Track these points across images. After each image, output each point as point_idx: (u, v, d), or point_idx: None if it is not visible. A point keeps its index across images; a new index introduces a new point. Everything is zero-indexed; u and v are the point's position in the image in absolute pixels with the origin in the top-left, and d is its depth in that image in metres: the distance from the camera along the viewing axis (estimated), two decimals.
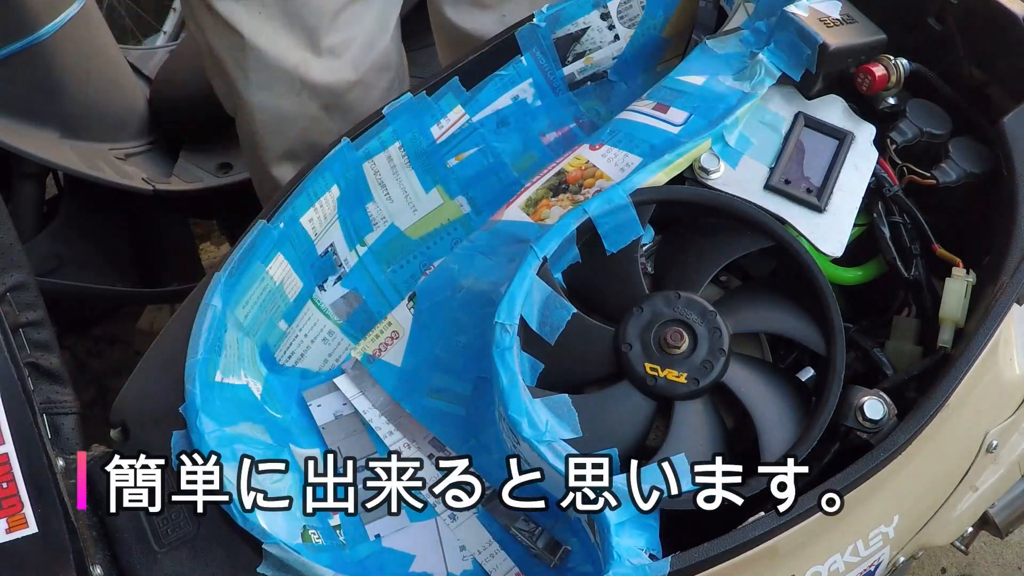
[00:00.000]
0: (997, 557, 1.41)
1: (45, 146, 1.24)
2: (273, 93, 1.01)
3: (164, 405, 0.65)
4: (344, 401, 0.70)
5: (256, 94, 1.01)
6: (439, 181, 0.83)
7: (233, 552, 0.61)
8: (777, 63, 0.70)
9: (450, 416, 0.69)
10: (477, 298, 0.69)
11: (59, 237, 1.30)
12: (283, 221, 0.73)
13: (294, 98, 1.01)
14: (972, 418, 0.67)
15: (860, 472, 0.59)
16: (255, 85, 1.00)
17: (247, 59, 0.99)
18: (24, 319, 0.69)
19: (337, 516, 0.66)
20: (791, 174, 0.69)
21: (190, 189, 1.41)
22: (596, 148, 0.72)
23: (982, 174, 0.71)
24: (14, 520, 0.58)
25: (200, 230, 1.82)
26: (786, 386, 0.65)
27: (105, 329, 1.66)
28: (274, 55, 0.98)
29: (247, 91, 1.01)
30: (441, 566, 0.65)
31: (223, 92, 1.07)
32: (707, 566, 0.57)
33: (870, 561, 0.64)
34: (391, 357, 0.71)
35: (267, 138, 1.05)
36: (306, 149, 1.05)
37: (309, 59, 0.99)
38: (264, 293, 0.73)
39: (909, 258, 0.70)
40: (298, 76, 0.99)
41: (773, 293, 0.68)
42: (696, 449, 0.62)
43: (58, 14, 1.21)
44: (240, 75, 1.00)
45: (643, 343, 0.64)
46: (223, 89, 1.07)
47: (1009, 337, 0.67)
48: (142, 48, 1.70)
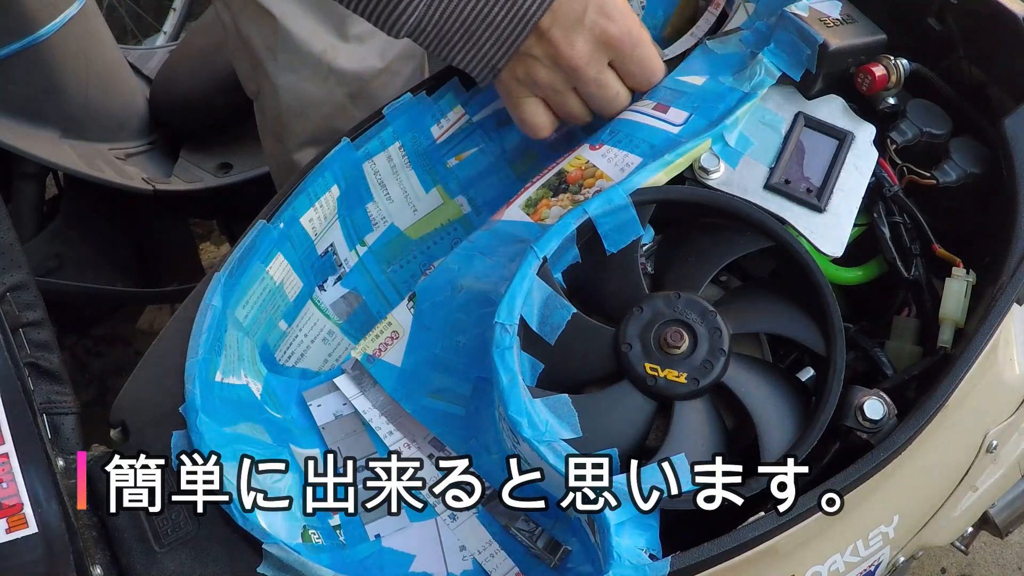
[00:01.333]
0: (997, 557, 1.41)
1: (45, 146, 1.24)
2: (300, 76, 1.02)
3: (164, 405, 0.65)
4: (344, 401, 0.70)
5: (283, 76, 1.02)
6: (439, 181, 0.83)
7: (233, 552, 0.61)
8: (777, 63, 0.70)
9: (450, 416, 0.69)
10: (477, 298, 0.69)
11: (59, 237, 1.30)
12: (283, 221, 0.73)
13: (320, 83, 1.02)
14: (972, 418, 0.67)
15: (860, 472, 0.59)
16: (283, 67, 1.01)
17: (277, 41, 1.00)
18: (24, 319, 0.69)
19: (337, 516, 0.66)
20: (791, 174, 0.69)
21: (190, 189, 1.42)
22: (596, 148, 0.72)
23: (982, 174, 0.71)
24: (14, 520, 0.58)
25: (200, 230, 1.82)
26: (786, 386, 0.65)
27: (105, 329, 1.66)
28: (303, 39, 0.99)
29: (275, 72, 1.02)
30: (441, 566, 0.65)
31: (246, 74, 1.08)
32: (707, 566, 0.57)
33: (870, 561, 0.64)
34: (391, 357, 0.71)
35: (291, 122, 1.06)
36: (329, 135, 1.05)
37: (337, 44, 0.99)
38: (264, 293, 0.73)
39: (909, 258, 0.70)
40: (325, 61, 1.00)
41: (773, 293, 0.68)
42: (696, 449, 0.62)
43: (58, 14, 1.22)
44: (268, 56, 1.01)
45: (643, 343, 0.64)
46: (247, 71, 1.07)
47: (1009, 337, 0.67)
48: (142, 48, 1.70)
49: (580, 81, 0.73)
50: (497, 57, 0.71)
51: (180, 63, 1.48)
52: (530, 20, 0.69)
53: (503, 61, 0.71)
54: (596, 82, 0.73)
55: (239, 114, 1.38)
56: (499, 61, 0.71)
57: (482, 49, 0.71)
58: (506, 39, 0.70)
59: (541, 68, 0.72)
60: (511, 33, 0.70)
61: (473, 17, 0.69)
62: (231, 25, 1.03)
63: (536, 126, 0.76)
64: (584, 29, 0.70)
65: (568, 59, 0.71)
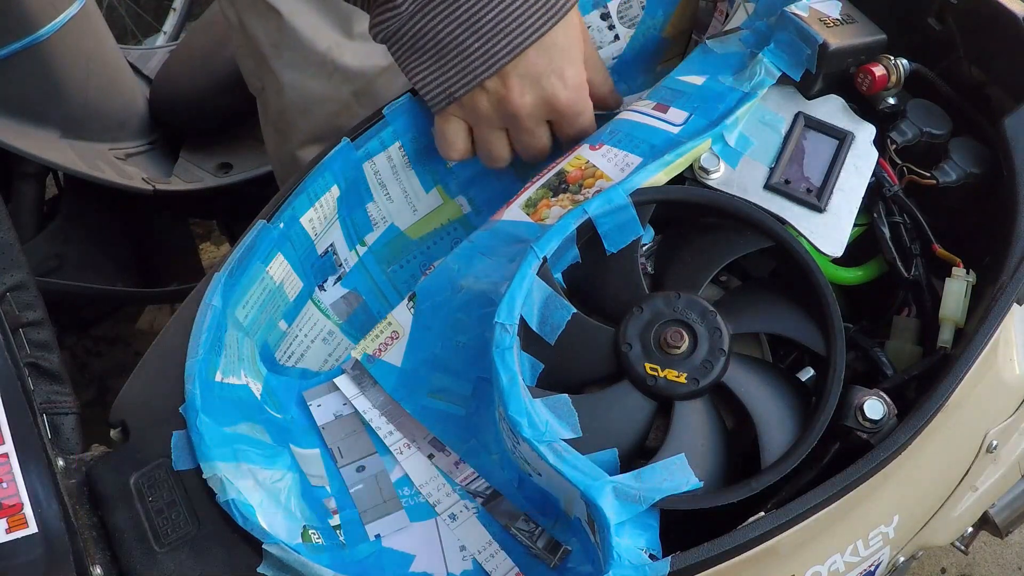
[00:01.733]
0: (997, 557, 1.41)
1: (45, 146, 1.24)
2: (304, 74, 1.02)
3: (164, 405, 0.65)
4: (344, 401, 0.70)
5: (287, 72, 1.02)
6: (439, 181, 0.83)
7: (233, 552, 0.61)
8: (777, 63, 0.70)
9: (450, 416, 0.69)
10: (477, 298, 0.69)
11: (59, 237, 1.30)
12: (283, 221, 0.73)
13: (325, 81, 1.02)
14: (972, 418, 0.67)
15: (860, 472, 0.59)
16: (287, 64, 1.02)
17: (282, 38, 1.00)
18: (24, 319, 0.69)
19: (337, 516, 0.67)
20: (791, 174, 0.69)
21: (190, 189, 1.42)
22: (596, 148, 0.72)
23: (982, 174, 0.71)
24: (14, 520, 0.58)
25: (200, 230, 1.82)
26: (786, 386, 0.65)
27: (105, 329, 1.67)
28: (308, 36, 0.99)
29: (279, 68, 1.02)
30: (441, 566, 0.65)
31: (250, 70, 1.08)
32: (707, 566, 0.57)
33: (870, 561, 0.64)
34: (391, 357, 0.71)
35: (295, 118, 1.06)
36: (332, 133, 1.05)
37: (342, 42, 1.00)
38: (264, 293, 0.73)
39: (909, 258, 0.70)
40: (331, 59, 1.00)
41: (773, 293, 0.68)
42: (696, 449, 0.62)
43: (58, 14, 1.22)
44: (273, 53, 1.02)
45: (643, 343, 0.64)
46: (251, 67, 1.07)
47: (1009, 337, 0.67)
48: (142, 48, 1.70)
49: (515, 127, 0.75)
50: (457, 87, 0.72)
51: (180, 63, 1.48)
52: (498, 62, 0.70)
53: (461, 92, 0.72)
54: (529, 132, 0.75)
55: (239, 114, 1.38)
56: (457, 91, 0.72)
57: (446, 75, 0.71)
58: (471, 72, 0.71)
59: (485, 102, 0.73)
60: (477, 68, 0.70)
61: (448, 42, 0.70)
62: (236, 22, 1.04)
63: (451, 147, 0.77)
64: (538, 87, 0.72)
65: (514, 107, 0.73)
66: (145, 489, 0.63)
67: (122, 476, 0.64)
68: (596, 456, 0.61)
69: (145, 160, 1.41)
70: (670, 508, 0.58)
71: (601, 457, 0.61)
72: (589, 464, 0.59)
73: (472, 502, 0.66)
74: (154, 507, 0.63)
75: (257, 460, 0.65)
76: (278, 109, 1.06)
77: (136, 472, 0.64)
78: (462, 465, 0.67)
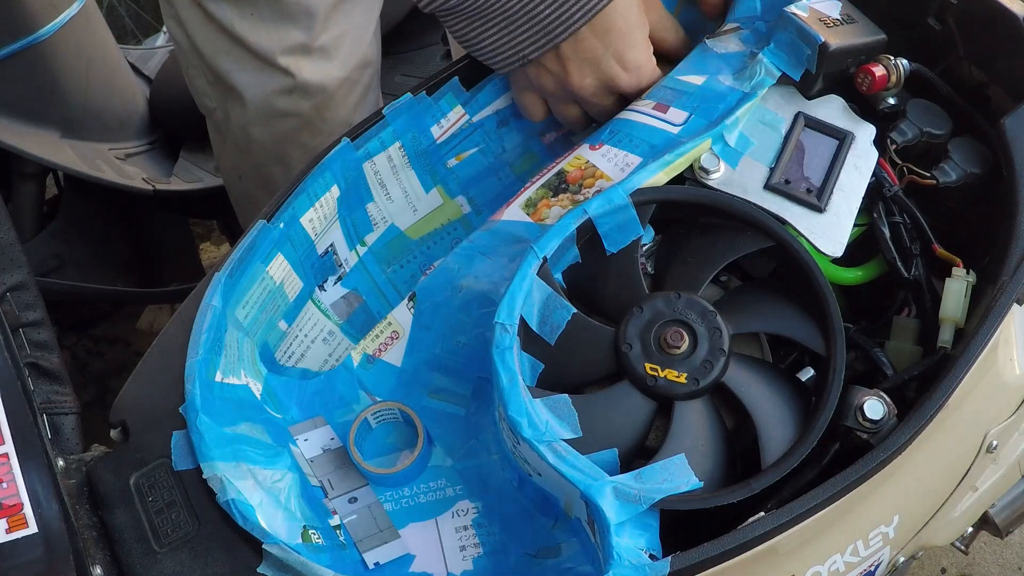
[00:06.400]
0: (997, 557, 1.41)
1: (45, 146, 1.24)
2: (265, 91, 1.02)
3: (164, 405, 0.65)
4: (331, 436, 0.70)
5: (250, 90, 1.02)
6: (439, 181, 0.83)
7: (233, 552, 0.61)
8: (777, 63, 0.70)
9: (450, 416, 0.69)
10: (477, 298, 0.69)
11: (59, 237, 1.30)
12: (283, 221, 0.73)
13: (286, 97, 1.02)
14: (972, 418, 0.67)
15: (860, 472, 0.59)
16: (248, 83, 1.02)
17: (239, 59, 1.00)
18: (24, 319, 0.69)
19: (337, 516, 0.67)
20: (791, 174, 0.69)
21: (190, 189, 1.42)
22: (596, 148, 0.72)
23: (982, 174, 0.71)
24: (14, 520, 0.58)
25: (200, 230, 1.82)
26: (786, 386, 0.65)
27: (105, 329, 1.67)
28: (267, 55, 0.99)
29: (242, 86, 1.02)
30: (441, 566, 0.65)
31: (201, 91, 1.08)
32: (707, 566, 0.57)
33: (870, 561, 0.64)
34: (391, 357, 0.71)
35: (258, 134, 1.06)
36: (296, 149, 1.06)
37: (300, 60, 1.00)
38: (264, 293, 0.73)
39: (909, 258, 0.70)
40: (290, 76, 1.00)
41: (773, 293, 0.68)
42: (696, 449, 0.62)
43: (58, 14, 1.22)
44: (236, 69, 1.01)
45: (643, 343, 0.64)
46: (202, 87, 1.07)
47: (1009, 337, 0.67)
48: (142, 48, 1.70)
49: (582, 102, 0.78)
50: (531, 49, 0.73)
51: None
52: (572, 24, 0.72)
53: (535, 54, 0.73)
54: (596, 105, 0.78)
55: None
56: (531, 53, 0.73)
57: (518, 38, 0.73)
58: (545, 35, 0.72)
59: (550, 81, 0.76)
60: (552, 31, 0.72)
61: (517, 9, 0.71)
62: (185, 42, 1.03)
63: (532, 114, 0.81)
64: (598, 71, 0.74)
65: (576, 88, 0.76)
66: (145, 489, 0.63)
67: (122, 476, 0.64)
68: (596, 456, 0.61)
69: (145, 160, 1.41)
70: (670, 508, 0.58)
71: (601, 457, 0.61)
72: (589, 464, 0.59)
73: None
74: (154, 507, 0.63)
75: (257, 460, 0.65)
76: (240, 124, 1.07)
77: (136, 472, 0.64)
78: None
